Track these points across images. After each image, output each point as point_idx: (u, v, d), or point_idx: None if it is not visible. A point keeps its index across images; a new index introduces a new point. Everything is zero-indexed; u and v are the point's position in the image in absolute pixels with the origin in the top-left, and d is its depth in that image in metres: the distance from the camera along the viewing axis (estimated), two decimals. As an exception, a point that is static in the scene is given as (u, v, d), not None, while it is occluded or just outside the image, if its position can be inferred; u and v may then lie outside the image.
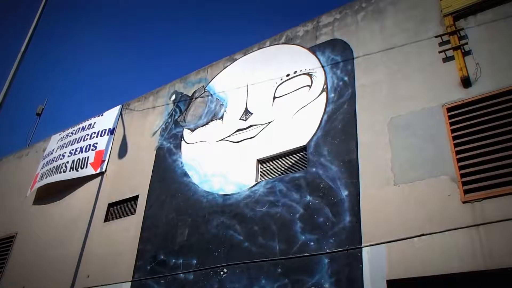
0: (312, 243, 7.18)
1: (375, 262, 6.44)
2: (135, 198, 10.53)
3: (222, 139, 9.69)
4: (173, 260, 8.77)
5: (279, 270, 7.30)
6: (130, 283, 9.20)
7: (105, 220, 10.86)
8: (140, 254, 9.45)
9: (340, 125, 8.00)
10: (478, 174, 6.20)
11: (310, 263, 7.03)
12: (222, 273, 7.95)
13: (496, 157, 6.17)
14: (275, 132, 8.86)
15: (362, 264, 6.54)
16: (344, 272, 6.65)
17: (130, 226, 10.09)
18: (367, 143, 7.49)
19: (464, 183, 6.22)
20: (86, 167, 11.97)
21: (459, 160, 6.42)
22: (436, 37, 7.61)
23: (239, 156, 9.13)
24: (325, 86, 8.71)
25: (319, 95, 8.66)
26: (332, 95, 8.48)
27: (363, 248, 6.65)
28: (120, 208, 10.85)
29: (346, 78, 8.49)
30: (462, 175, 6.28)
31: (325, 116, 8.30)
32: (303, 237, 7.33)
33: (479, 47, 7.18)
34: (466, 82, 6.92)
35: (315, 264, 6.97)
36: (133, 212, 10.31)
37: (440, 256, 5.95)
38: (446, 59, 7.35)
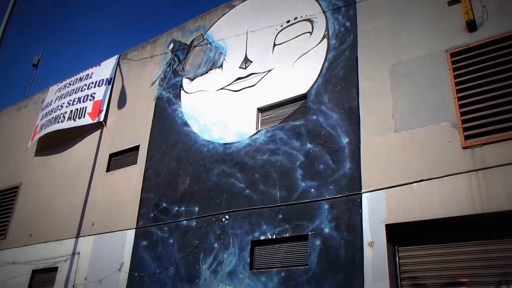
0: (312, 190, 7.29)
1: (374, 207, 6.57)
2: (136, 148, 10.59)
3: (221, 88, 9.60)
4: (176, 208, 8.95)
5: (280, 216, 7.46)
6: (134, 230, 9.44)
7: (107, 170, 10.98)
8: (143, 202, 9.63)
9: (341, 73, 7.90)
10: (479, 120, 6.20)
11: (310, 209, 7.17)
12: (224, 219, 8.13)
13: (498, 102, 6.14)
14: (275, 80, 8.77)
15: (361, 210, 6.67)
16: (344, 218, 6.79)
17: (132, 176, 10.21)
18: (368, 90, 7.43)
19: (465, 129, 6.22)
20: (84, 117, 11.95)
21: (460, 106, 6.38)
22: (442, -21, 7.35)
23: (239, 105, 9.09)
24: (326, 32, 8.51)
25: (320, 42, 8.48)
26: (334, 41, 8.31)
27: (362, 194, 6.76)
28: (121, 158, 10.94)
29: (348, 24, 8.29)
30: (463, 121, 6.27)
31: (326, 63, 8.17)
32: (303, 184, 7.43)
33: (487, -11, 6.96)
34: (471, 26, 6.75)
35: (315, 210, 7.11)
36: (135, 162, 10.41)
37: (438, 201, 6.06)
38: (452, 2, 7.13)
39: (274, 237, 7.39)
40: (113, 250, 9.56)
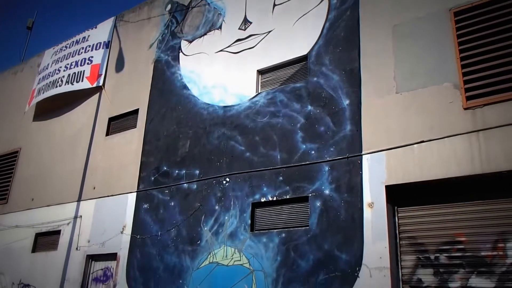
0: (313, 152, 7.31)
1: (374, 168, 6.61)
2: (135, 112, 10.53)
3: (221, 50, 9.44)
4: (176, 171, 8.99)
5: (280, 178, 7.51)
6: (135, 193, 9.52)
7: (107, 134, 10.97)
8: (143, 166, 9.67)
9: (342, 33, 7.76)
10: (481, 80, 6.15)
11: (311, 171, 7.21)
12: (224, 182, 8.18)
13: (501, 62, 6.07)
14: (275, 42, 8.62)
15: (361, 171, 6.71)
16: (344, 179, 6.84)
17: (132, 140, 10.21)
18: (370, 51, 7.32)
19: (466, 90, 6.18)
20: (82, 81, 11.82)
21: (463, 66, 6.31)
22: None
23: (239, 67, 8.97)
24: (327, -9, 8.30)
25: (321, 1, 8.28)
26: (335, 1, 8.11)
27: (363, 156, 6.78)
28: (120, 122, 10.90)
29: (349, -17, 8.06)
30: (465, 82, 6.22)
31: (327, 24, 8.01)
32: (304, 146, 7.44)
33: None
34: (476, -16, 6.58)
35: (315, 172, 7.15)
36: (134, 126, 10.38)
37: (438, 162, 6.09)
38: (457, -42, 6.92)
39: (274, 199, 7.46)
40: (115, 213, 9.67)
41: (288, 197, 7.33)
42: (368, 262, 6.20)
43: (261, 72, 8.70)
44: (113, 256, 9.39)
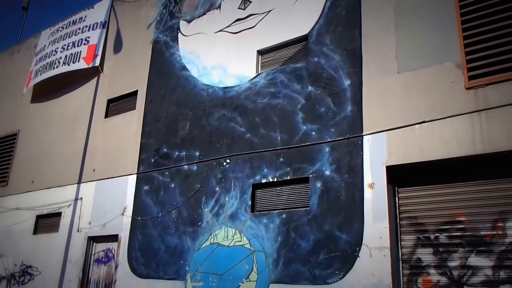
0: (313, 133, 7.28)
1: (375, 149, 6.60)
2: (134, 93, 10.46)
3: (220, 30, 9.32)
4: (176, 153, 8.97)
5: (281, 159, 7.50)
6: (135, 175, 9.52)
7: (106, 116, 10.92)
8: (143, 148, 9.65)
9: (343, 12, 7.65)
10: (484, 60, 6.08)
11: (311, 152, 7.20)
12: (225, 163, 8.17)
13: (505, 41, 6.00)
14: (275, 21, 8.50)
15: (362, 152, 6.70)
16: (345, 160, 6.83)
17: (131, 121, 10.16)
18: (371, 30, 7.23)
19: (469, 69, 6.12)
20: (79, 61, 11.70)
21: (466, 45, 6.24)
22: None
23: (238, 48, 8.87)
24: (328, -31, 8.15)
25: (322, -20, 8.14)
26: (336, -21, 7.97)
27: (364, 136, 6.76)
28: (119, 104, 10.84)
29: (351, -40, 7.91)
30: (468, 61, 6.16)
31: (328, 3, 7.89)
32: (304, 127, 7.41)
33: None
34: (480, -39, 6.46)
35: (316, 153, 7.14)
36: (133, 108, 10.32)
37: (439, 142, 6.08)
38: None
39: (275, 180, 7.47)
40: (115, 195, 9.69)
41: (288, 178, 7.33)
42: (368, 242, 6.24)
43: (261, 52, 8.61)
44: (114, 238, 9.45)
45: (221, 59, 9.07)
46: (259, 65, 8.56)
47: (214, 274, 7.59)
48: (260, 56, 8.61)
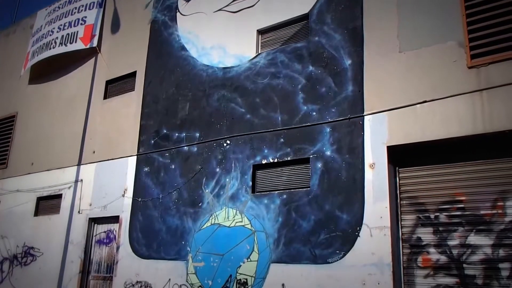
0: (314, 113, 7.25)
1: (376, 129, 6.58)
2: (133, 74, 10.37)
3: (219, 9, 9.18)
4: (176, 134, 8.95)
5: (281, 140, 7.48)
6: (135, 157, 9.51)
7: (105, 98, 10.85)
8: (142, 129, 9.61)
9: (344, -10, 7.53)
10: (486, 38, 6.02)
11: (312, 132, 7.18)
12: (225, 144, 8.16)
13: (508, 19, 5.92)
14: (275, 0, 8.36)
15: (363, 132, 6.68)
16: (345, 140, 6.82)
17: (131, 103, 10.10)
18: (373, 8, 7.12)
19: (471, 48, 6.06)
20: (76, 42, 11.56)
21: (468, 23, 6.16)
22: None
23: (238, 27, 8.75)
24: None
25: (322, -43, 7.99)
26: (337, -44, 7.83)
27: (365, 117, 6.73)
28: (118, 85, 10.76)
29: None
30: (470, 40, 6.09)
31: (329, -19, 7.76)
32: (305, 108, 7.38)
33: None
34: None
35: (316, 133, 7.12)
36: (132, 89, 10.25)
37: (440, 122, 6.06)
38: None
39: (275, 160, 7.47)
40: (116, 176, 9.69)
41: (289, 158, 7.33)
42: (369, 222, 6.28)
43: (261, 32, 8.50)
44: (115, 219, 9.49)
45: (220, 39, 8.96)
46: (259, 45, 8.46)
47: (215, 254, 7.66)
48: (260, 36, 8.51)
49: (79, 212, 10.17)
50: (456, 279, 5.75)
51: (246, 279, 7.19)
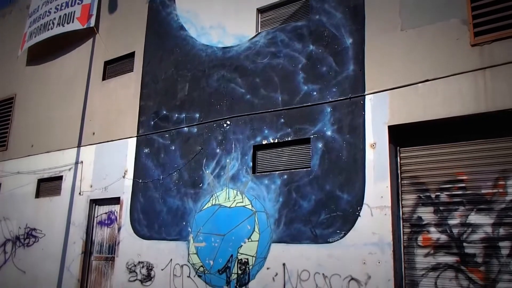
0: (315, 93, 7.18)
1: (377, 109, 6.52)
2: (132, 55, 10.26)
3: (218, -12, 9.03)
4: (176, 115, 8.89)
5: (282, 120, 7.43)
6: (135, 138, 9.48)
7: (103, 79, 10.76)
8: (142, 110, 9.55)
9: (346, -33, 7.37)
10: (490, 15, 5.92)
11: (313, 112, 7.12)
12: (225, 125, 8.11)
13: (512, -5, 5.82)
14: (275, -22, 8.22)
15: (364, 112, 6.62)
16: (346, 120, 6.77)
17: (129, 84, 10.02)
18: (375, -14, 6.99)
19: (475, 25, 5.96)
20: (73, 22, 11.40)
21: (472, 0, 6.05)
22: None
23: (237, 6, 8.61)
24: None
25: None
26: None
27: (366, 96, 6.67)
28: (117, 66, 10.65)
29: None
30: (474, 17, 5.99)
31: (330, -43, 7.60)
32: (305, 87, 7.30)
33: None
34: None
35: (317, 113, 7.07)
36: (131, 70, 10.15)
37: (442, 101, 6.00)
38: None
39: (276, 141, 7.43)
40: (116, 158, 9.68)
41: (289, 139, 7.29)
42: (370, 202, 6.28)
43: (261, 10, 8.37)
44: (116, 200, 9.51)
45: (219, 18, 8.83)
46: (259, 24, 8.34)
47: (217, 234, 7.69)
48: (259, 15, 8.38)
49: (80, 193, 10.19)
50: (456, 257, 5.78)
51: (247, 259, 7.23)
